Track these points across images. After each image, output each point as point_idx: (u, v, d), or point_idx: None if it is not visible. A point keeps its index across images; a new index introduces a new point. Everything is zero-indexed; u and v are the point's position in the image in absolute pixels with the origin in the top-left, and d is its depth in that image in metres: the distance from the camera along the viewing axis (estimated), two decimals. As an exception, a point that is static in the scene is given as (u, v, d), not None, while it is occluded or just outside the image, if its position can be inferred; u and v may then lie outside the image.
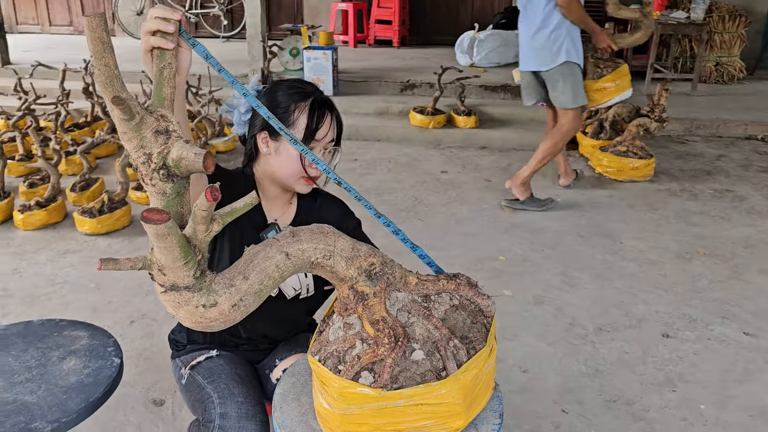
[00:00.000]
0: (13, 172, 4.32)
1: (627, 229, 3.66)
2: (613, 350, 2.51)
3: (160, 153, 0.98)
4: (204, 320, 1.07)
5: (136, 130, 0.97)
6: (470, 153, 5.15)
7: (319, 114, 1.46)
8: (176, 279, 1.03)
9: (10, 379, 1.47)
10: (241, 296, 1.08)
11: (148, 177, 0.99)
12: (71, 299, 2.85)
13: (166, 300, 1.06)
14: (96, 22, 0.91)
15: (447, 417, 1.18)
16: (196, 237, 1.02)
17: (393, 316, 1.20)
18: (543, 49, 3.66)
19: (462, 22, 8.57)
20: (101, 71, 0.94)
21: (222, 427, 1.42)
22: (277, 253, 1.12)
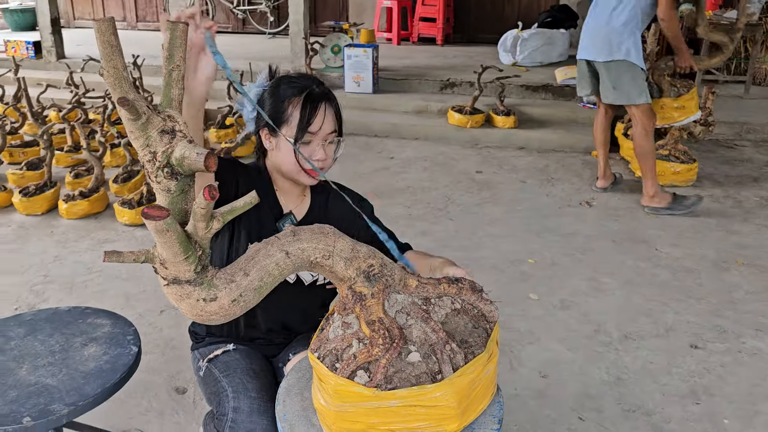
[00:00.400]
0: (61, 162, 4.50)
1: (663, 236, 3.57)
2: (638, 359, 2.46)
3: (164, 152, 1.01)
4: (204, 313, 1.11)
5: (143, 130, 1.01)
6: (507, 153, 5.11)
7: (312, 107, 1.48)
8: (178, 273, 1.07)
9: (34, 362, 1.55)
10: (240, 292, 1.11)
11: (153, 174, 1.03)
12: (107, 287, 2.96)
13: (169, 292, 1.10)
14: (105, 26, 0.95)
15: (441, 420, 1.19)
16: (196, 233, 1.05)
17: (391, 317, 1.21)
18: (605, 40, 3.66)
19: (507, 20, 8.47)
20: (110, 73, 0.98)
21: (234, 420, 1.47)
22: (277, 251, 1.15)
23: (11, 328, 1.68)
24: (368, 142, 5.39)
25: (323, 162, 1.54)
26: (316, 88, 1.52)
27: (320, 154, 1.52)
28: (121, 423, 2.10)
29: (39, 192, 3.77)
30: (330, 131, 1.53)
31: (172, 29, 1.04)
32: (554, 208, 3.97)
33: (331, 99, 1.53)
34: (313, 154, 1.51)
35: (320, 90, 1.52)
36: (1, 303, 2.83)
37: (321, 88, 1.53)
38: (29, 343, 1.62)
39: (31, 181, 4.03)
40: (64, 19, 10.13)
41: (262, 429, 1.45)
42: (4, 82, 5.45)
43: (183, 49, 1.06)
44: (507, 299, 2.88)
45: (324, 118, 1.50)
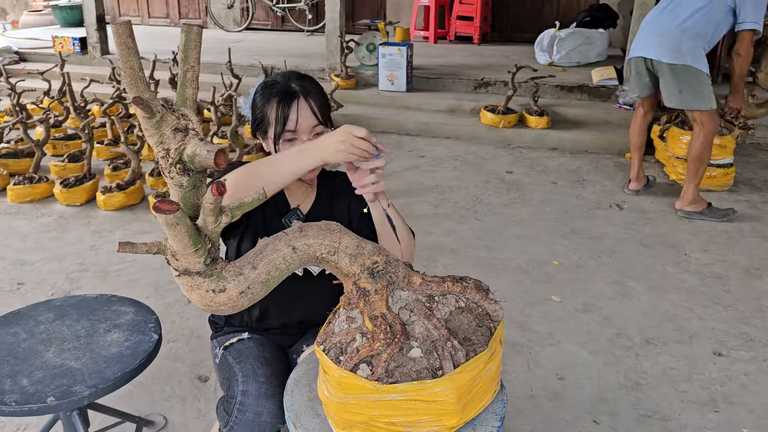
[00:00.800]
0: (101, 155, 4.65)
1: (694, 241, 3.51)
2: (658, 364, 2.44)
3: (176, 149, 1.06)
4: (213, 304, 1.16)
5: (157, 127, 1.05)
6: (539, 154, 5.08)
7: (285, 107, 1.51)
8: (188, 264, 1.12)
9: (61, 345, 1.63)
10: (248, 284, 1.16)
11: (167, 170, 1.08)
12: (138, 277, 3.06)
13: (180, 283, 1.15)
14: (122, 29, 0.99)
15: (441, 415, 1.22)
16: (206, 227, 1.10)
17: (394, 313, 1.25)
18: (674, 42, 3.57)
19: (546, 19, 8.38)
20: (127, 73, 1.03)
21: (242, 403, 1.52)
22: (284, 246, 1.20)
23: (41, 313, 1.77)
24: (400, 140, 5.42)
25: None
26: (293, 86, 1.53)
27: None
28: (145, 407, 2.18)
29: (78, 183, 3.91)
30: (312, 125, 1.54)
31: (186, 32, 1.07)
32: (584, 210, 3.93)
33: (308, 93, 1.53)
34: None
35: (296, 86, 1.53)
36: (39, 288, 2.95)
37: (299, 84, 1.54)
38: (57, 327, 1.71)
39: (71, 172, 4.19)
40: (110, 16, 10.43)
41: (269, 412, 1.50)
42: (50, 77, 5.64)
43: (197, 51, 1.10)
44: (529, 300, 2.88)
45: (298, 114, 1.52)
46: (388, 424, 1.22)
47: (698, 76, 3.54)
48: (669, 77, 3.63)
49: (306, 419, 1.33)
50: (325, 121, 1.58)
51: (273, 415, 1.51)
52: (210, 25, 9.96)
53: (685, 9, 3.56)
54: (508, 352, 2.50)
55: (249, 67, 6.60)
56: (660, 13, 3.73)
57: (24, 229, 3.60)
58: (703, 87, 3.57)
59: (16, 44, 7.82)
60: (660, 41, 3.62)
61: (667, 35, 3.59)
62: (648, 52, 3.70)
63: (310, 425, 1.31)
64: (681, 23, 3.54)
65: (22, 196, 3.92)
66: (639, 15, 5.43)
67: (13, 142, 4.64)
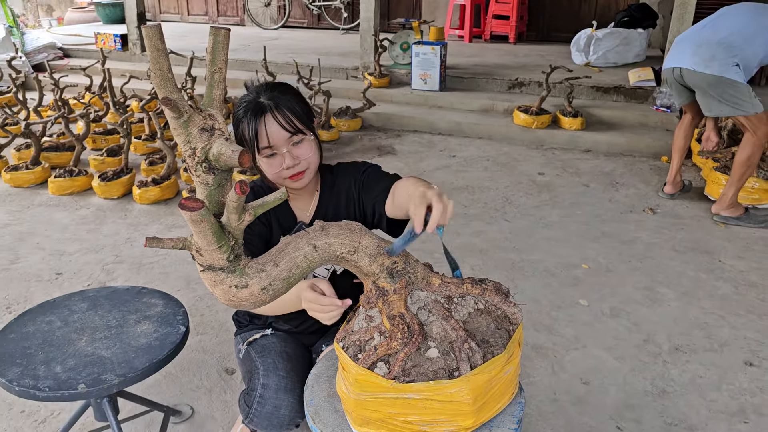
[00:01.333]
0: (138, 150, 4.77)
1: (729, 247, 3.44)
2: (686, 372, 2.40)
3: (202, 148, 1.09)
4: (236, 299, 1.19)
5: (184, 127, 1.09)
6: (572, 156, 5.02)
7: (254, 125, 1.49)
8: (212, 260, 1.15)
9: (93, 334, 1.69)
10: (270, 281, 1.19)
11: (193, 168, 1.11)
12: (170, 270, 3.13)
13: (204, 278, 1.19)
14: (152, 31, 1.03)
15: (456, 415, 1.23)
16: (230, 225, 1.13)
17: (412, 313, 1.26)
18: (709, 52, 3.53)
19: (583, 19, 8.28)
20: (156, 74, 1.06)
21: (262, 396, 1.56)
22: (306, 244, 1.22)
23: (76, 303, 1.83)
24: (431, 139, 5.42)
25: (297, 166, 1.53)
26: (261, 100, 1.50)
27: (288, 161, 1.51)
28: (173, 397, 2.24)
29: (116, 177, 4.02)
30: (286, 137, 1.51)
31: (214, 35, 1.09)
32: (616, 214, 3.88)
33: (277, 106, 1.50)
34: (282, 164, 1.52)
35: (265, 100, 1.50)
36: (77, 278, 3.05)
37: (267, 97, 1.51)
38: (90, 317, 1.77)
39: (110, 166, 4.31)
40: (150, 14, 10.66)
41: (287, 406, 1.54)
42: (92, 73, 5.81)
43: (225, 52, 1.11)
44: (556, 303, 2.86)
45: (267, 129, 1.49)
46: (404, 423, 1.23)
47: (733, 84, 3.48)
48: (703, 88, 3.61)
49: (325, 414, 1.36)
50: (303, 128, 1.53)
51: (292, 409, 1.54)
52: (247, 23, 10.10)
53: (726, 27, 3.55)
54: (533, 354, 2.49)
55: (284, 65, 6.67)
56: (700, 29, 3.73)
57: (64, 220, 3.71)
58: (740, 94, 3.49)
59: (61, 40, 8.05)
60: (695, 51, 3.60)
61: (703, 46, 3.57)
62: (680, 61, 3.69)
63: (329, 420, 1.33)
64: (719, 38, 3.52)
65: (63, 189, 4.05)
66: (679, 15, 5.33)
67: (56, 136, 4.79)
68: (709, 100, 3.61)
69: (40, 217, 3.75)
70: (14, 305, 2.81)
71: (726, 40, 3.49)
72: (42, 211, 3.84)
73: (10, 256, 3.27)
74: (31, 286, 2.97)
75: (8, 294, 2.90)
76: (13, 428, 2.10)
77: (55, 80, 4.88)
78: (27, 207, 3.89)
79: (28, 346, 1.63)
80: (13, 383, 1.49)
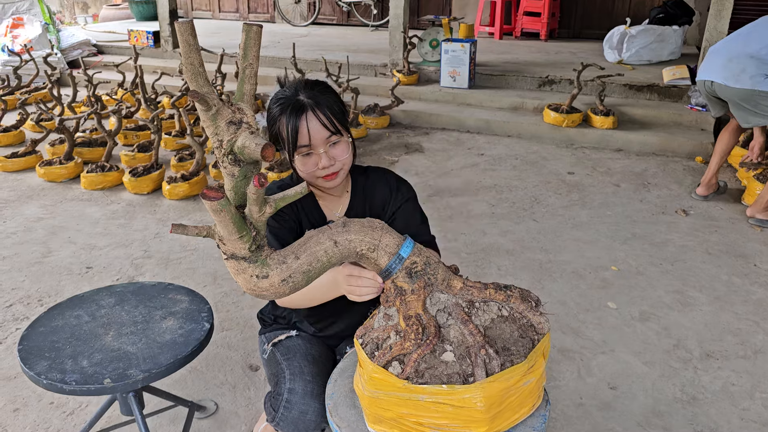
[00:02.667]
0: (169, 146, 4.83)
1: (765, 251, 3.34)
2: (718, 379, 2.34)
3: (229, 141, 1.10)
4: (257, 289, 1.21)
5: (213, 120, 1.10)
6: (603, 155, 4.94)
7: (294, 123, 1.48)
8: (234, 249, 1.17)
9: (119, 330, 1.71)
10: (290, 273, 1.20)
11: (220, 160, 1.13)
12: (197, 265, 3.16)
13: (228, 266, 1.21)
14: (184, 27, 1.03)
15: (468, 422, 1.20)
16: (252, 216, 1.15)
17: (430, 314, 1.24)
18: (740, 66, 3.49)
19: (617, 16, 8.14)
20: (188, 69, 1.07)
21: (289, 401, 1.55)
22: (327, 239, 1.23)
23: (103, 298, 1.86)
24: (459, 137, 5.38)
25: (332, 167, 1.53)
26: (301, 98, 1.49)
27: (324, 161, 1.51)
28: (197, 393, 2.26)
29: (146, 173, 4.07)
30: (325, 137, 1.50)
31: (246, 31, 1.10)
32: (647, 215, 3.80)
33: (318, 104, 1.49)
34: (318, 164, 1.52)
35: (305, 98, 1.49)
36: (106, 272, 3.10)
37: (307, 95, 1.50)
38: (117, 312, 1.79)
39: (140, 162, 4.37)
40: (182, 11, 10.79)
41: (314, 411, 1.53)
42: (125, 69, 5.89)
43: (257, 48, 1.11)
44: (584, 306, 2.81)
45: (309, 128, 1.48)
46: (416, 424, 1.22)
47: (766, 95, 3.43)
48: (736, 101, 3.58)
49: (343, 410, 1.35)
50: (341, 129, 1.53)
51: (318, 414, 1.53)
52: (277, 20, 10.15)
53: (758, 40, 3.51)
54: (559, 357, 2.45)
55: (313, 62, 6.69)
56: (731, 40, 3.69)
57: (95, 215, 3.77)
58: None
59: (95, 37, 8.19)
60: (726, 65, 3.57)
61: (733, 60, 3.54)
62: (711, 74, 3.66)
63: (346, 415, 1.33)
64: (751, 51, 3.48)
65: (94, 184, 4.12)
66: (716, 11, 5.20)
67: (88, 131, 4.87)
68: (744, 113, 3.59)
69: (72, 212, 3.82)
70: (45, 298, 2.86)
71: (758, 54, 3.46)
72: (74, 205, 3.91)
73: (43, 249, 3.34)
74: (62, 280, 3.03)
75: (40, 287, 2.96)
76: (43, 419, 2.14)
77: (89, 77, 4.96)
78: (60, 201, 3.97)
79: (57, 340, 1.66)
80: (41, 376, 1.52)
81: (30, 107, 5.82)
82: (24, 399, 2.23)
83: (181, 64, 1.01)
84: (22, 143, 5.04)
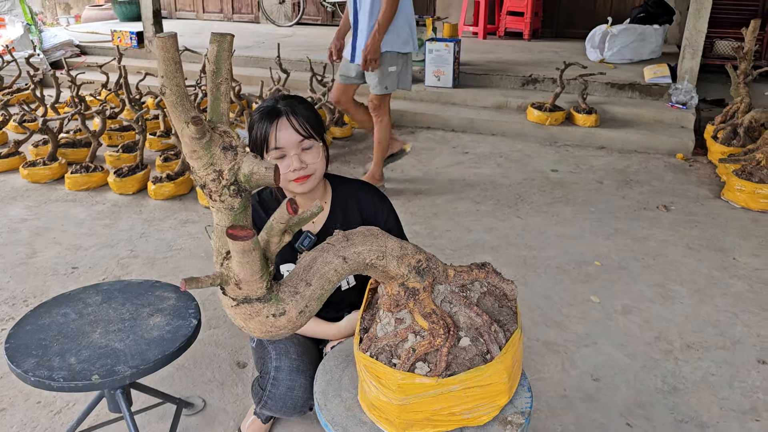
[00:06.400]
0: (153, 146, 4.81)
1: (744, 245, 3.41)
2: (698, 370, 2.39)
3: (230, 169, 0.99)
4: (274, 329, 1.11)
5: (207, 148, 0.97)
6: (586, 153, 4.99)
7: (267, 127, 1.58)
8: (250, 291, 1.07)
9: (107, 327, 1.71)
10: (306, 302, 1.12)
11: (217, 194, 1.01)
12: (184, 264, 3.17)
13: (237, 313, 1.10)
14: (169, 42, 0.91)
15: (494, 396, 1.26)
16: (269, 249, 1.07)
17: (440, 307, 1.27)
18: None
19: (599, 15, 8.21)
20: (173, 91, 0.94)
21: (275, 378, 1.61)
22: (334, 257, 1.16)
23: (90, 296, 1.86)
24: (444, 136, 5.42)
25: (303, 170, 1.60)
26: (278, 106, 1.60)
27: (295, 164, 1.59)
28: (185, 390, 2.27)
29: (131, 173, 4.06)
30: (297, 141, 1.59)
31: (219, 41, 0.98)
32: (629, 211, 3.86)
33: (292, 112, 1.59)
34: (289, 166, 1.59)
35: (281, 106, 1.60)
36: (92, 273, 3.09)
37: (284, 103, 1.61)
38: (104, 310, 1.80)
39: (125, 162, 4.35)
40: (166, 11, 10.73)
41: (301, 387, 1.58)
42: (108, 70, 5.86)
43: (230, 62, 1.01)
44: (567, 300, 2.86)
45: (280, 132, 1.58)
46: (449, 415, 1.25)
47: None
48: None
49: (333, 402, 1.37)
50: (314, 135, 1.62)
51: (305, 390, 1.58)
52: (261, 20, 10.14)
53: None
54: (543, 351, 2.49)
55: (298, 62, 6.69)
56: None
57: (80, 215, 3.76)
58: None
59: (78, 38, 8.13)
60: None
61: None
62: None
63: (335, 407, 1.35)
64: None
65: (79, 184, 4.10)
66: (695, 10, 5.28)
67: (72, 132, 4.84)
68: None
69: (57, 212, 3.80)
70: (31, 299, 2.85)
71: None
72: (59, 206, 3.89)
73: (28, 250, 3.32)
74: (48, 280, 3.02)
75: (25, 288, 2.95)
76: (30, 418, 2.14)
77: (72, 77, 4.93)
78: (44, 202, 3.95)
79: (44, 338, 1.66)
80: (29, 373, 1.52)
81: (13, 108, 5.77)
82: (11, 399, 2.22)
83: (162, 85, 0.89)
84: (5, 144, 5.00)
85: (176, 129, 0.98)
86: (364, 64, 3.67)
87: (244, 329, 1.13)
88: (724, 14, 7.17)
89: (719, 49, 7.26)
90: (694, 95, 5.48)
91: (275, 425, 2.06)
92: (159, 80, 0.94)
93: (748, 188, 3.86)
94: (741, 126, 4.61)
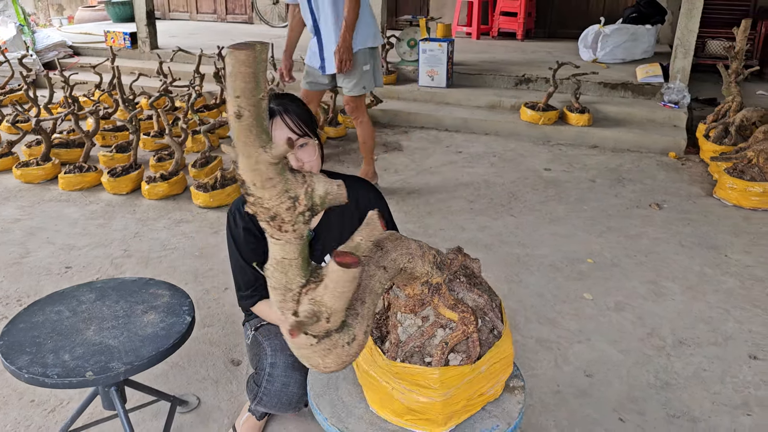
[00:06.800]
0: (147, 146, 4.81)
1: (736, 242, 3.43)
2: (690, 365, 2.40)
3: (306, 193, 0.88)
4: (348, 357, 1.03)
5: (282, 173, 0.85)
6: (579, 152, 5.02)
7: None
8: (334, 324, 0.97)
9: (101, 324, 1.72)
10: (367, 321, 1.05)
11: (290, 223, 0.89)
12: (178, 264, 3.16)
13: (316, 351, 0.99)
14: (251, 56, 0.75)
15: (506, 367, 1.34)
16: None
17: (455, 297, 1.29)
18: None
19: (591, 15, 8.25)
20: (251, 113, 0.81)
21: (270, 374, 1.62)
22: (376, 269, 1.10)
23: (84, 293, 1.86)
24: (438, 136, 5.43)
25: (300, 168, 1.62)
26: (271, 106, 1.61)
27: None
28: (180, 388, 2.27)
29: (125, 173, 4.05)
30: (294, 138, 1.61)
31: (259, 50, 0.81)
32: (622, 209, 3.88)
33: (285, 111, 1.62)
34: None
35: (273, 106, 1.62)
36: (86, 272, 3.09)
37: (277, 103, 1.63)
38: (98, 307, 1.80)
39: (119, 162, 4.35)
40: (160, 12, 10.71)
41: (296, 383, 1.58)
42: (102, 70, 5.85)
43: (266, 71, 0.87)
44: (560, 297, 2.87)
45: (275, 131, 1.60)
46: (479, 397, 1.31)
47: None
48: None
49: (326, 398, 1.38)
50: (308, 133, 1.65)
51: (299, 386, 1.59)
52: (255, 21, 10.14)
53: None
54: (537, 347, 2.51)
55: (292, 62, 6.68)
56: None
57: (73, 215, 3.75)
58: None
59: (71, 39, 8.10)
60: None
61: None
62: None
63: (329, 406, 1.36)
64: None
65: (72, 184, 4.09)
66: (687, 10, 5.32)
67: (66, 132, 4.83)
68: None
69: (51, 212, 3.79)
70: (24, 298, 2.85)
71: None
72: (52, 206, 3.89)
73: (21, 250, 3.32)
74: (41, 280, 3.01)
75: (19, 287, 2.95)
76: (24, 417, 2.13)
77: (65, 78, 4.92)
78: (37, 202, 3.94)
79: (38, 335, 1.66)
80: (23, 370, 1.53)
81: (5, 109, 5.75)
82: (4, 397, 2.22)
83: (238, 106, 0.87)
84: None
85: (242, 156, 0.82)
86: (339, 66, 3.65)
87: (318, 367, 1.02)
88: (716, 14, 7.22)
89: (711, 49, 7.31)
90: (686, 94, 5.51)
91: (269, 422, 2.06)
92: (231, 100, 0.77)
93: (740, 186, 3.89)
94: (732, 125, 4.64)
